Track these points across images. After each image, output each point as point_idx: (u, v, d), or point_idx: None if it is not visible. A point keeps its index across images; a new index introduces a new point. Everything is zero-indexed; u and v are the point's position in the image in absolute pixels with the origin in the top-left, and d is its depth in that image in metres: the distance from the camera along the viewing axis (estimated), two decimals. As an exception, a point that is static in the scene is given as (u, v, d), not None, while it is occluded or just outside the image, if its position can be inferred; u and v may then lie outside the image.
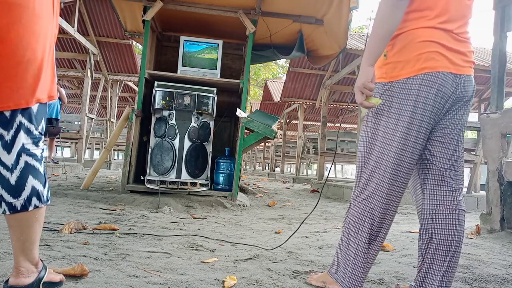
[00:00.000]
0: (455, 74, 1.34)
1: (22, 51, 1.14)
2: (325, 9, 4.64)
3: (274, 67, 25.40)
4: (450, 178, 1.42)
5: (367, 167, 1.43)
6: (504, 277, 1.76)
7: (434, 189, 1.44)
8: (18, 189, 1.19)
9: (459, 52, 1.36)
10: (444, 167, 1.42)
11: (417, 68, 1.33)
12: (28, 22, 1.14)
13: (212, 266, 1.83)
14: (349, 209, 1.49)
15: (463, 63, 1.37)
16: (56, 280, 1.34)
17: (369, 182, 1.42)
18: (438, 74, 1.32)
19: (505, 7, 3.06)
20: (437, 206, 1.42)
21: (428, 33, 1.34)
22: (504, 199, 2.80)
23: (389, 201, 1.39)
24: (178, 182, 4.04)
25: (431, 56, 1.33)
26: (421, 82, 1.33)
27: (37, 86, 1.20)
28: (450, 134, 1.42)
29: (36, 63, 1.18)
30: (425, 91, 1.33)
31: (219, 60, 4.55)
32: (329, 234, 2.87)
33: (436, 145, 1.43)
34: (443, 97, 1.35)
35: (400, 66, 1.36)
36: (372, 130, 1.44)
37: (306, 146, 10.82)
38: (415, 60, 1.34)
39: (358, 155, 1.50)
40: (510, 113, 2.81)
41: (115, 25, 8.08)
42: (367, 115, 1.48)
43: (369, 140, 1.45)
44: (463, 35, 1.38)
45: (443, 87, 1.33)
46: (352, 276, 1.42)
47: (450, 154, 1.42)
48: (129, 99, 13.57)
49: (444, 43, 1.34)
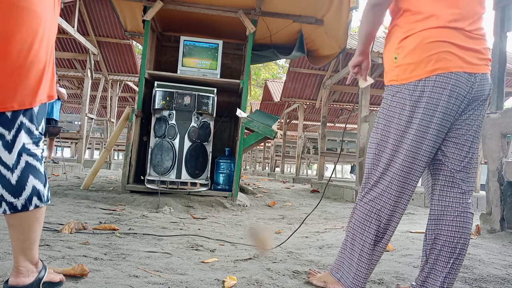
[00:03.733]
0: (469, 73, 1.31)
1: (26, 53, 1.15)
2: (325, 9, 4.64)
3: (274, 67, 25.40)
4: (461, 180, 1.40)
5: (377, 169, 1.42)
6: (504, 277, 1.76)
7: (444, 190, 1.42)
8: (19, 188, 1.19)
9: (473, 50, 1.32)
10: (456, 168, 1.40)
11: (429, 70, 1.30)
12: (31, 24, 1.16)
13: (212, 266, 1.83)
14: (355, 209, 1.47)
15: (478, 61, 1.33)
16: (56, 280, 1.34)
17: (378, 183, 1.40)
18: (451, 75, 1.29)
19: (505, 7, 3.06)
20: (445, 207, 1.41)
21: (438, 33, 1.31)
22: (504, 199, 2.80)
23: (398, 203, 1.38)
24: (178, 182, 4.04)
25: (442, 56, 1.29)
26: (434, 84, 1.30)
27: (39, 87, 1.21)
28: (465, 135, 1.38)
29: (39, 65, 1.19)
30: (438, 93, 1.30)
31: (219, 60, 4.55)
32: (329, 234, 2.87)
33: (450, 146, 1.40)
34: (457, 98, 1.31)
35: (411, 68, 1.34)
36: (382, 132, 1.42)
37: (306, 146, 10.82)
38: (426, 62, 1.31)
39: (367, 156, 1.48)
40: (510, 113, 2.81)
41: (115, 25, 8.07)
42: (378, 117, 1.47)
43: (379, 142, 1.42)
44: (476, 32, 1.34)
45: (457, 87, 1.30)
46: (355, 277, 1.41)
47: (463, 156, 1.39)
48: (129, 99, 13.57)
49: (456, 42, 1.30)
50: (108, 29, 8.30)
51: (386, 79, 1.46)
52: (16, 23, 1.13)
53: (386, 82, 1.45)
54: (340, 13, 4.49)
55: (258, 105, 14.88)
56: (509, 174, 2.77)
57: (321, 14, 4.77)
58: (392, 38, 1.44)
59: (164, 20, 5.02)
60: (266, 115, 4.48)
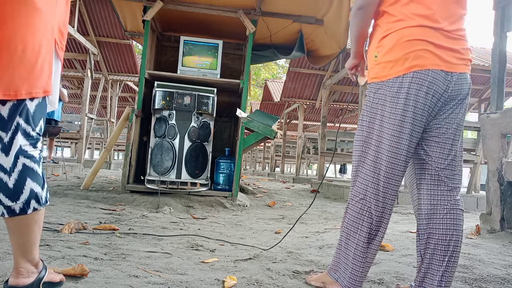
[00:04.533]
0: (446, 72, 1.34)
1: (16, 43, 1.11)
2: (325, 9, 4.64)
3: (274, 67, 25.40)
4: (446, 178, 1.42)
5: (364, 166, 1.44)
6: (504, 277, 1.76)
7: (431, 188, 1.43)
8: (17, 192, 1.17)
9: (451, 49, 1.35)
10: (440, 166, 1.42)
11: (406, 67, 1.34)
12: (27, 15, 1.13)
13: (212, 266, 1.83)
14: (347, 209, 1.49)
15: (456, 61, 1.36)
16: (56, 280, 1.34)
17: (366, 181, 1.42)
18: (428, 72, 1.33)
19: (505, 7, 3.06)
20: (434, 205, 1.42)
21: (416, 32, 1.34)
22: (504, 199, 2.80)
23: (385, 199, 1.40)
24: (178, 182, 4.04)
25: (419, 54, 1.33)
26: (411, 80, 1.33)
27: (30, 79, 1.16)
28: (446, 134, 1.41)
29: (30, 56, 1.15)
30: (415, 89, 1.33)
31: (219, 60, 4.55)
32: (329, 234, 2.87)
33: (432, 145, 1.43)
34: (434, 95, 1.35)
35: (390, 66, 1.38)
36: (367, 129, 1.45)
37: (306, 146, 10.82)
38: (404, 59, 1.34)
39: (353, 154, 1.50)
40: (510, 113, 2.81)
41: (115, 25, 8.07)
42: (362, 114, 1.49)
43: (364, 139, 1.45)
44: (456, 32, 1.37)
45: (433, 84, 1.33)
46: (352, 276, 1.42)
47: (446, 154, 1.42)
48: (129, 99, 13.57)
49: (433, 40, 1.33)
50: (108, 29, 8.30)
51: (368, 77, 1.50)
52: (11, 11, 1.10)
53: (369, 80, 1.49)
54: (340, 13, 4.49)
55: (258, 105, 14.89)
56: (509, 174, 2.77)
57: (321, 14, 4.77)
58: (373, 37, 1.48)
59: (164, 20, 5.02)
60: (266, 115, 4.48)
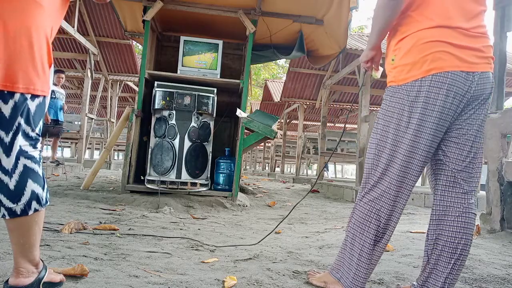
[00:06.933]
0: (467, 72, 1.30)
1: (21, 37, 1.12)
2: (325, 9, 4.64)
3: (274, 67, 25.39)
4: (462, 180, 1.39)
5: (377, 169, 1.42)
6: (504, 277, 1.76)
7: (445, 190, 1.42)
8: (18, 194, 1.16)
9: (471, 48, 1.31)
10: (457, 168, 1.39)
11: (424, 70, 1.31)
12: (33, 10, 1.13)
13: (212, 266, 1.83)
14: (354, 210, 1.47)
15: (477, 60, 1.31)
16: (56, 280, 1.34)
17: (378, 184, 1.40)
18: (447, 74, 1.29)
19: (505, 7, 3.06)
20: (447, 207, 1.41)
21: (433, 33, 1.31)
22: (504, 199, 2.80)
23: (396, 202, 1.38)
24: (178, 182, 4.04)
25: (437, 56, 1.29)
26: (430, 83, 1.30)
27: (30, 75, 1.15)
28: (466, 135, 1.38)
29: (32, 52, 1.15)
30: (434, 93, 1.30)
31: (219, 60, 4.55)
32: (329, 234, 2.87)
33: (451, 146, 1.40)
34: (455, 97, 1.30)
35: (407, 69, 1.34)
36: (381, 132, 1.43)
37: (306, 146, 10.82)
38: (421, 62, 1.31)
39: (367, 156, 1.48)
40: (510, 113, 2.81)
41: (115, 25, 8.07)
42: (377, 117, 1.47)
43: (378, 142, 1.43)
44: (475, 30, 1.33)
45: (453, 86, 1.29)
46: (355, 277, 1.42)
47: (464, 156, 1.38)
48: (129, 99, 13.56)
49: (451, 41, 1.29)
50: (108, 29, 8.30)
51: (387, 81, 1.47)
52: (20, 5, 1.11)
53: (387, 83, 1.47)
54: (340, 13, 4.49)
55: (258, 105, 14.88)
56: (509, 174, 2.77)
57: (321, 14, 4.77)
58: (391, 39, 1.46)
59: (164, 20, 5.02)
60: (266, 115, 4.48)
